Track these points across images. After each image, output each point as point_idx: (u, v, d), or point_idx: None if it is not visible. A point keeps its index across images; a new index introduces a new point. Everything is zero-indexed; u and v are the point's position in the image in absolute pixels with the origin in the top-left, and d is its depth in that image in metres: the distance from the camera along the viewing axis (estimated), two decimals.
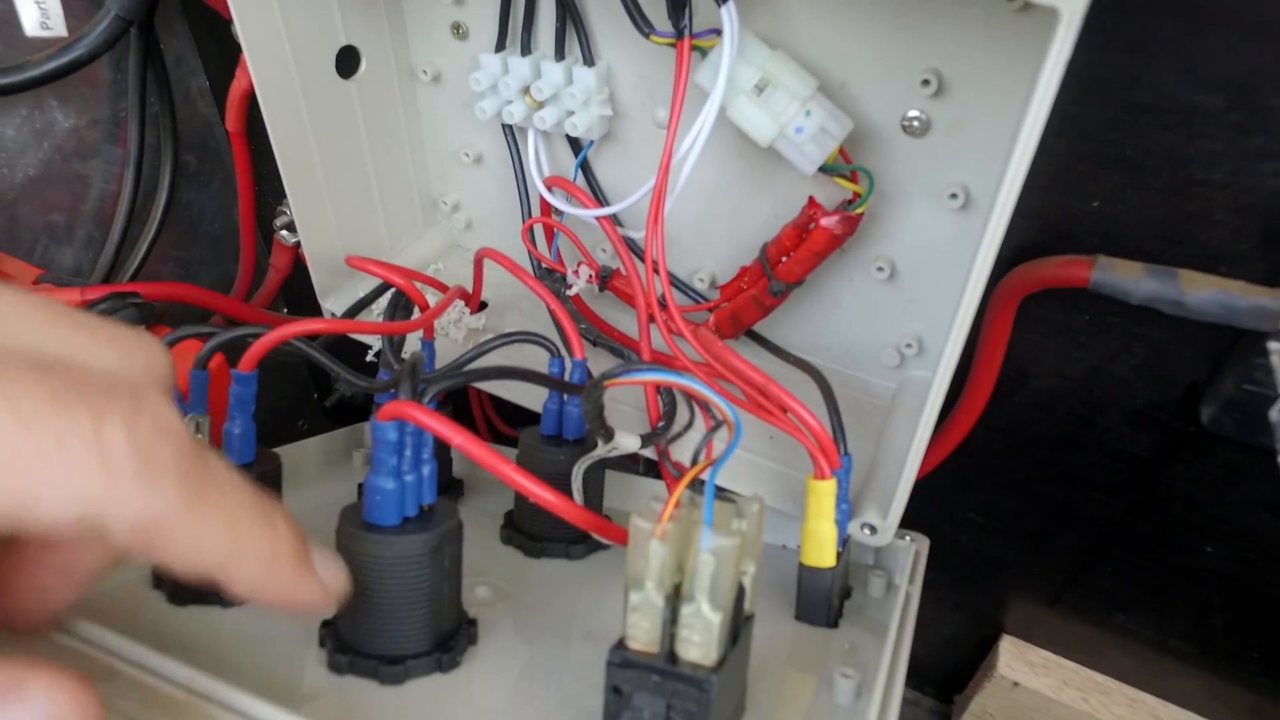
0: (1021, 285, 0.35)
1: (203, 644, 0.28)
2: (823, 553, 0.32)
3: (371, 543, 0.25)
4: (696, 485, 0.24)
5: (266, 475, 0.31)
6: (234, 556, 0.20)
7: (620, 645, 0.23)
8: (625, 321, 0.44)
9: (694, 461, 0.25)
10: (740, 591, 0.23)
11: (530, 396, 0.42)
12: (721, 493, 0.38)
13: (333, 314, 0.44)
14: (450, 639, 0.28)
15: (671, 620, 0.22)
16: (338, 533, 0.26)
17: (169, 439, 0.18)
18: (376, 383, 0.36)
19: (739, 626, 0.24)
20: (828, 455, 0.31)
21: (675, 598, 0.22)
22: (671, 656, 0.22)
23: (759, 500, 0.24)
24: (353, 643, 0.27)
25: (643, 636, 0.22)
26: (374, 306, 0.44)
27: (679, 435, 0.36)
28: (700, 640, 0.22)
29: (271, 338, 0.29)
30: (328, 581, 0.23)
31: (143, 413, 0.18)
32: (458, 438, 0.24)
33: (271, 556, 0.21)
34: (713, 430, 0.29)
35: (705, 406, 0.36)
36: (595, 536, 0.35)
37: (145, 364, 0.20)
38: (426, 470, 0.26)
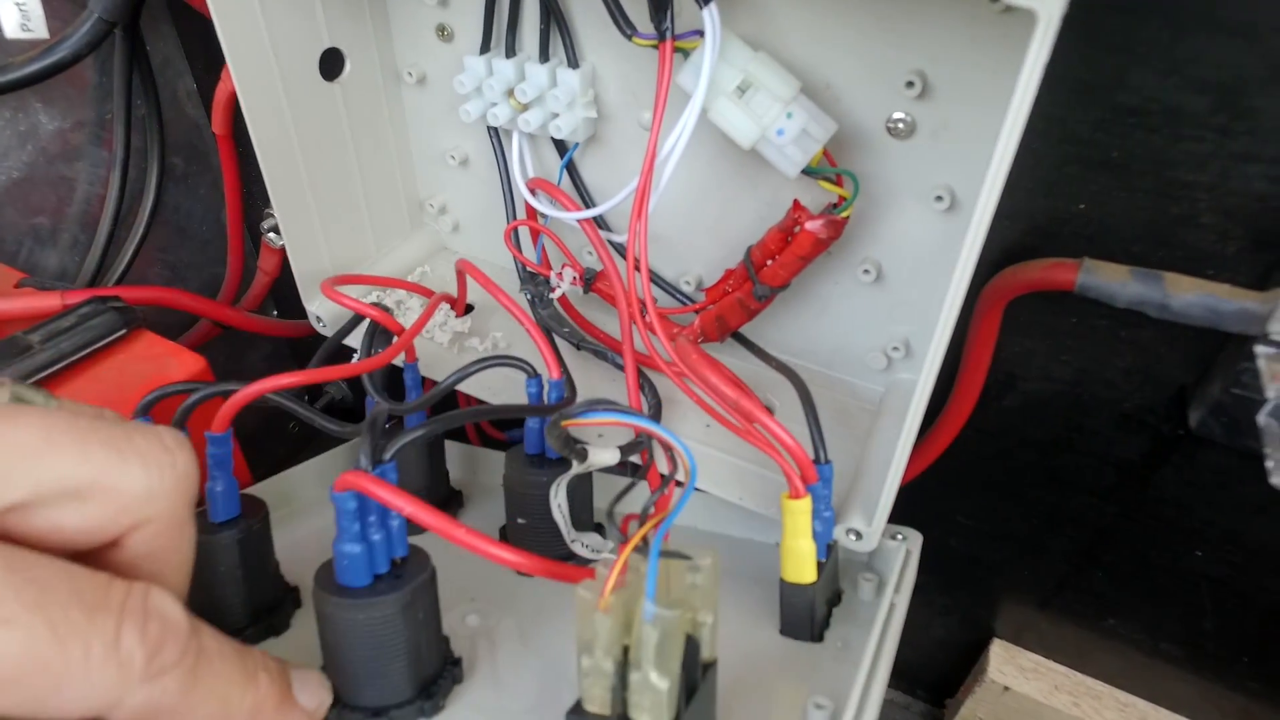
0: (1008, 288, 0.35)
1: None
2: (802, 569, 0.31)
3: (343, 606, 0.26)
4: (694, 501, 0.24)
5: (253, 530, 0.31)
6: None
7: (577, 708, 0.23)
8: (612, 324, 0.43)
9: (644, 515, 0.25)
10: (695, 647, 0.23)
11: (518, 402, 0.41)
12: (700, 509, 0.37)
13: (318, 317, 0.44)
14: (433, 683, 0.28)
15: (622, 686, 0.22)
16: (313, 595, 0.27)
17: (172, 638, 0.20)
18: (348, 428, 0.36)
19: (696, 681, 0.24)
20: (803, 471, 0.31)
21: (625, 663, 0.22)
22: None
23: (712, 552, 0.24)
24: (339, 695, 0.27)
25: (597, 700, 0.23)
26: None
27: (650, 464, 0.36)
28: (650, 705, 0.22)
29: (241, 397, 0.29)
30: (310, 706, 0.25)
31: (151, 616, 0.20)
32: (409, 507, 0.24)
33: (255, 711, 0.23)
34: (669, 478, 0.28)
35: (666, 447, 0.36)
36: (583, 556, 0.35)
37: (173, 480, 0.22)
38: (395, 525, 0.26)
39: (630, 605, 0.22)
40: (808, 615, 0.31)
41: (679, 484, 0.27)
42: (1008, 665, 0.49)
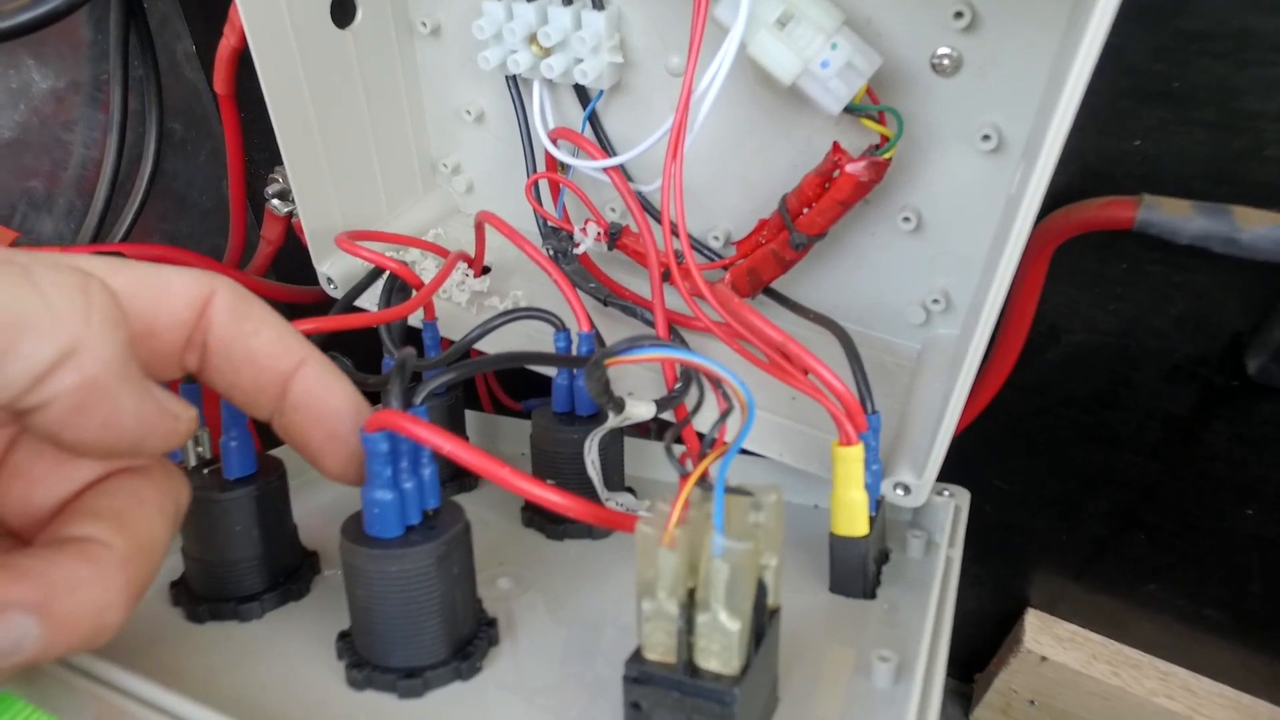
0: (1058, 231, 0.33)
1: (222, 660, 0.27)
2: (854, 521, 0.30)
3: (374, 558, 0.24)
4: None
5: (270, 487, 0.30)
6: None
7: (637, 656, 0.22)
8: (637, 283, 0.42)
9: (703, 452, 0.23)
10: (762, 590, 0.22)
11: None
12: (748, 451, 0.36)
13: (329, 279, 0.42)
14: (469, 644, 0.27)
15: (688, 630, 0.21)
16: (340, 548, 0.25)
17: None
18: (371, 379, 0.34)
19: (763, 626, 0.22)
20: (853, 418, 0.29)
21: (690, 605, 0.21)
22: (691, 668, 0.21)
23: (776, 489, 0.22)
24: (369, 657, 0.26)
25: (659, 646, 0.21)
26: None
27: (695, 411, 0.34)
28: (720, 649, 0.21)
29: None
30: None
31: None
32: (447, 445, 0.23)
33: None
34: (725, 414, 0.27)
35: (716, 383, 0.34)
36: None
37: (87, 308, 0.19)
38: (427, 473, 0.25)
39: (694, 544, 0.21)
40: (860, 570, 0.30)
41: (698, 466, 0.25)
42: (1044, 635, 0.47)
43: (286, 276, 0.59)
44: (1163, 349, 0.37)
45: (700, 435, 0.27)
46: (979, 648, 0.53)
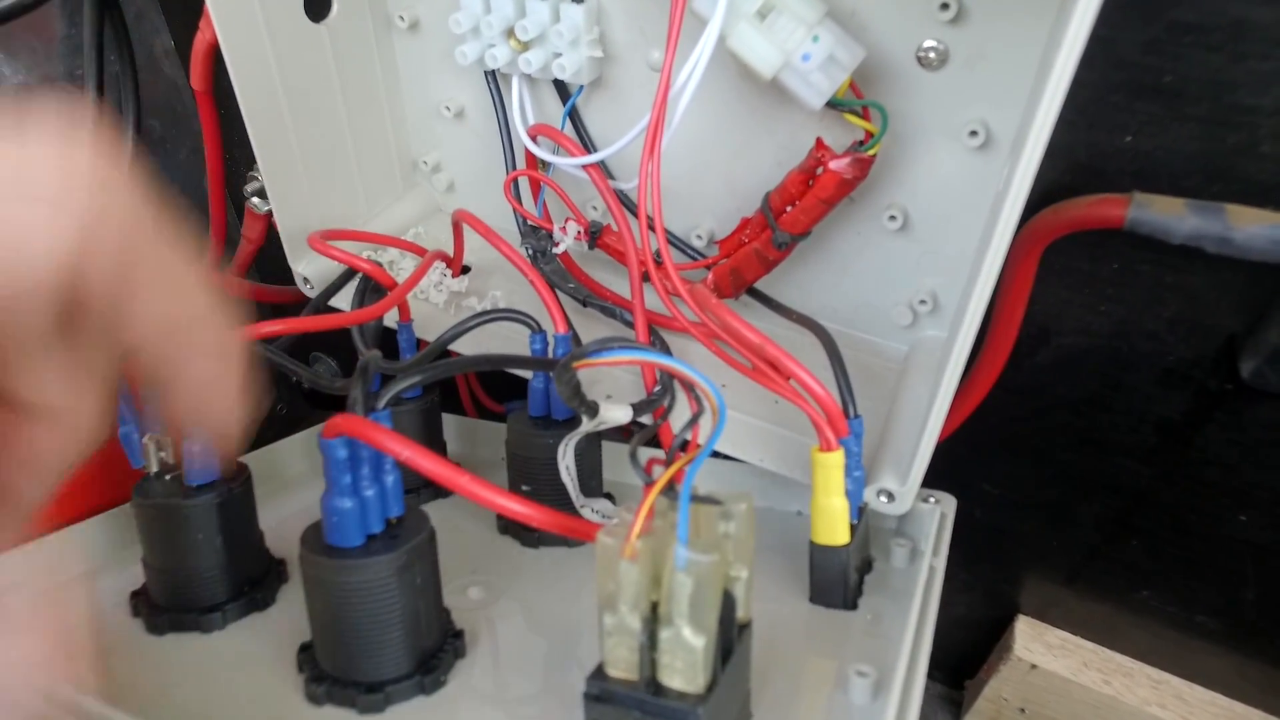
0: (1047, 230, 0.32)
1: (181, 672, 0.27)
2: (834, 530, 0.29)
3: (333, 569, 0.24)
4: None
5: (234, 494, 0.29)
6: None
7: (599, 673, 0.21)
8: (618, 283, 0.41)
9: (670, 458, 0.22)
10: (730, 603, 0.21)
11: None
12: (728, 456, 0.35)
13: (305, 279, 0.41)
14: (433, 657, 0.26)
15: (651, 646, 0.20)
16: (299, 558, 0.24)
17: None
18: (337, 384, 0.33)
19: (731, 641, 0.21)
20: (834, 424, 0.28)
21: (653, 620, 0.20)
22: (654, 685, 0.20)
23: (746, 497, 0.21)
24: (329, 670, 0.25)
25: (622, 662, 0.20)
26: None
27: (666, 415, 0.33)
28: (684, 666, 0.20)
29: None
30: None
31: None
32: (406, 451, 0.22)
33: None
34: (695, 417, 0.26)
35: (690, 387, 0.33)
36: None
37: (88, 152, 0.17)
38: (390, 481, 0.24)
39: (658, 556, 0.20)
40: (840, 580, 0.29)
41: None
42: (1034, 642, 0.47)
43: (268, 275, 0.58)
44: (1155, 351, 0.36)
45: (676, 436, 0.26)
46: (969, 654, 0.53)
